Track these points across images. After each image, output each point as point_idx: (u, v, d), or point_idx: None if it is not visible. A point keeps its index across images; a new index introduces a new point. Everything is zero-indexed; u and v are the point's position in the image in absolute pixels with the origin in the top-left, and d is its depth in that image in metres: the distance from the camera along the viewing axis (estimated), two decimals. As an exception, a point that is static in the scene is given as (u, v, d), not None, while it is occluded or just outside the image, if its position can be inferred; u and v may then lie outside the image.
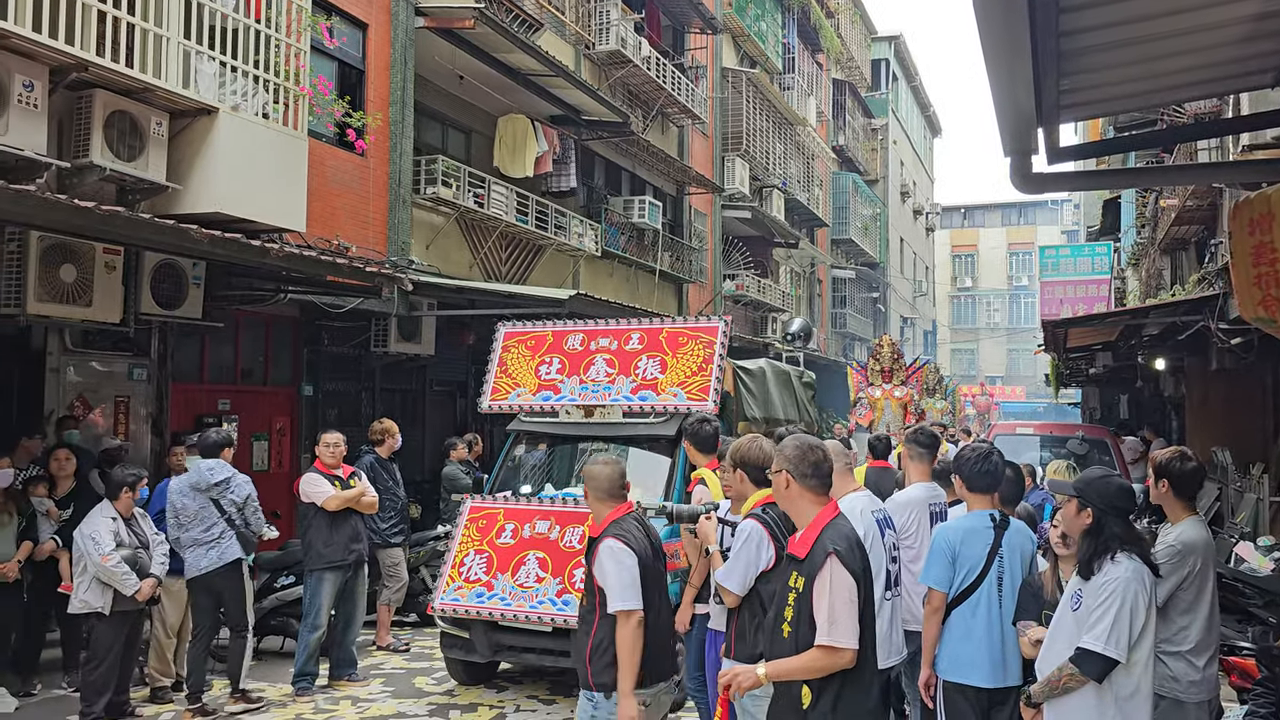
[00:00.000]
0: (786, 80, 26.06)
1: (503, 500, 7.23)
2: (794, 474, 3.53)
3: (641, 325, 7.67)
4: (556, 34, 14.71)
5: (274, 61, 8.51)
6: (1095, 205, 28.35)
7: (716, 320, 7.59)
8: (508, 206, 12.91)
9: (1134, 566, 3.62)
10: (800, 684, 3.41)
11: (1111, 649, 3.54)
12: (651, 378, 7.31)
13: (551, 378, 7.60)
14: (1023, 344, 50.90)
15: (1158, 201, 15.91)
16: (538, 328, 7.99)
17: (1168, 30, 3.36)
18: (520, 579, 6.65)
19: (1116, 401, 23.63)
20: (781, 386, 10.20)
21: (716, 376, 7.18)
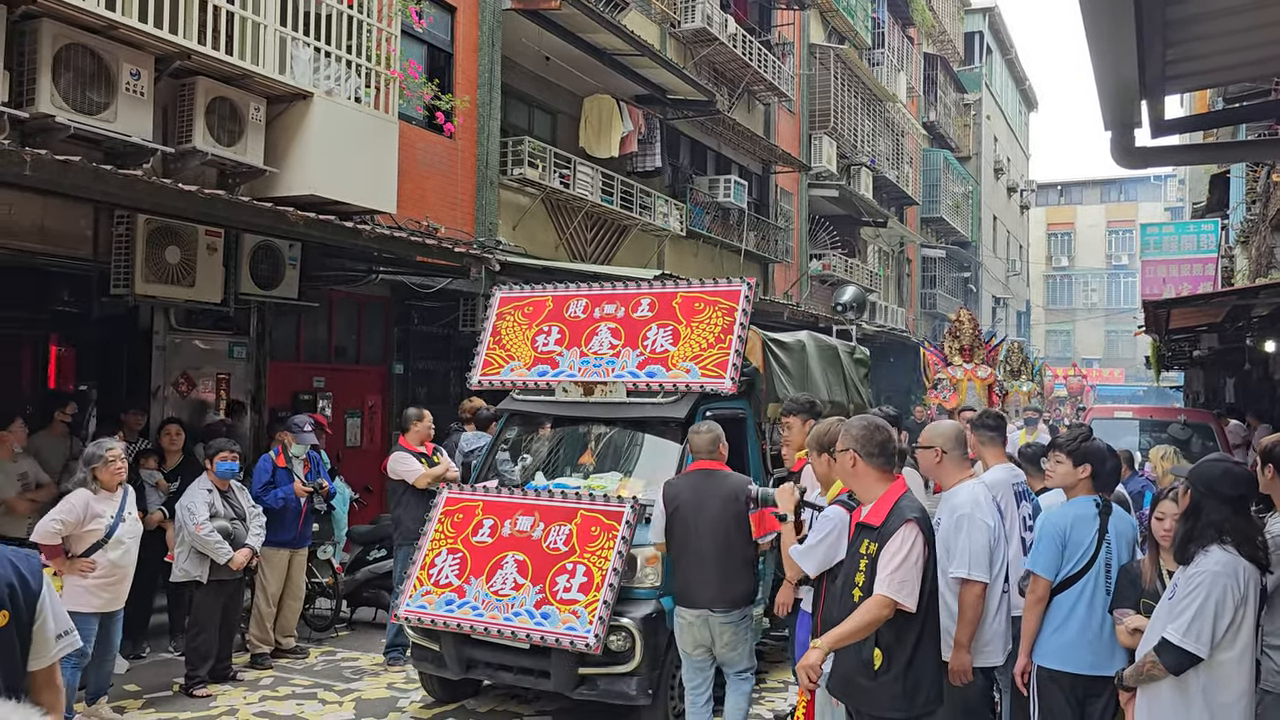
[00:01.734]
0: (876, 56, 25.54)
1: (482, 491, 6.28)
2: (860, 453, 3.71)
3: (652, 289, 6.68)
4: (642, 12, 14.67)
5: (366, 46, 8.67)
6: (1201, 181, 27.20)
7: (738, 283, 6.53)
8: (593, 187, 12.96)
9: (1227, 559, 3.47)
10: (872, 647, 3.52)
11: (1190, 643, 3.42)
12: (662, 350, 6.36)
13: (550, 349, 6.67)
14: (1121, 325, 49.23)
15: (1269, 176, 15.19)
16: (536, 292, 7.06)
17: (1284, -5, 3.19)
18: (495, 585, 5.72)
19: (1222, 385, 22.72)
20: (827, 364, 8.83)
21: (737, 349, 6.19)
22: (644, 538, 5.62)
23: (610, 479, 6.31)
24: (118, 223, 7.65)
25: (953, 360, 16.04)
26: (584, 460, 6.74)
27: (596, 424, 6.77)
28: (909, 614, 3.52)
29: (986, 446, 5.46)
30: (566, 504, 5.88)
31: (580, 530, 5.67)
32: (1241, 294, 12.21)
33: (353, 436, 10.93)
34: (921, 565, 3.52)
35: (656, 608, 5.63)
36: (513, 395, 6.92)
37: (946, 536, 4.37)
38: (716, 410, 6.40)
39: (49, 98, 6.56)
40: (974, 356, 15.84)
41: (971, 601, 4.27)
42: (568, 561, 5.60)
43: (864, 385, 9.80)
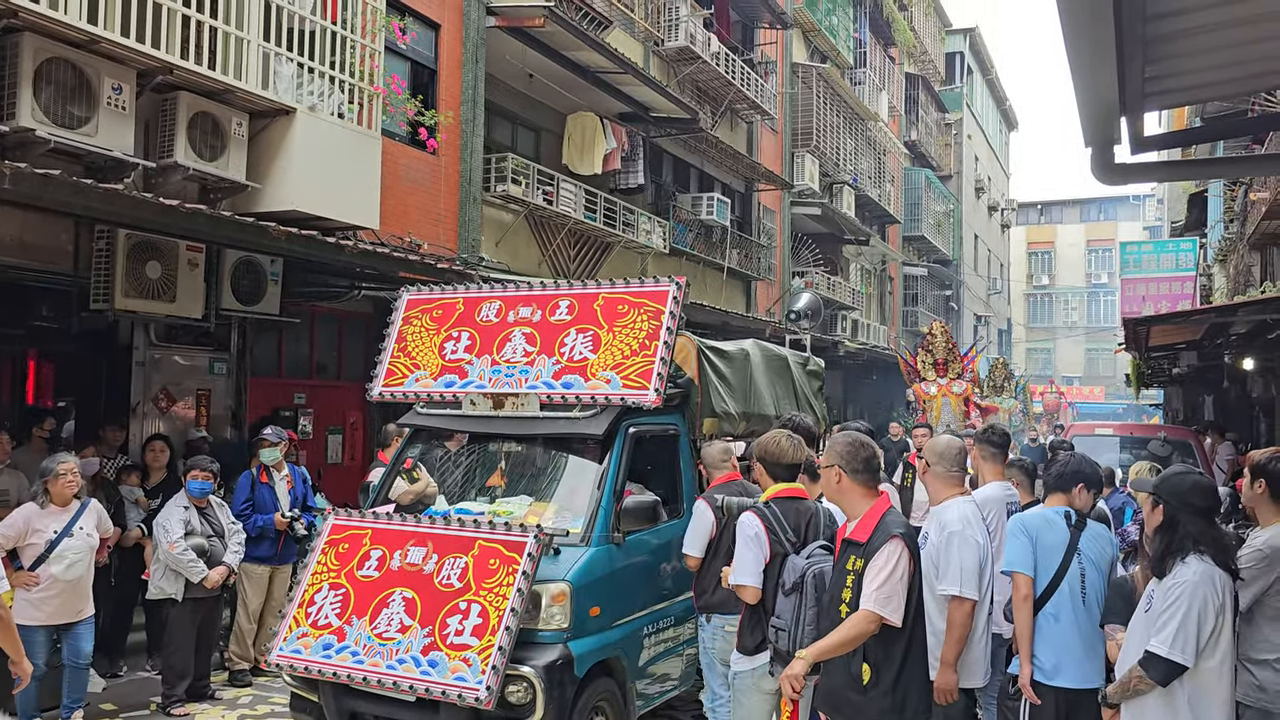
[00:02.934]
0: (858, 75, 25.76)
1: (370, 518, 5.62)
2: (845, 469, 3.75)
3: (572, 290, 6.09)
4: (626, 31, 14.75)
5: (349, 62, 8.68)
6: (1179, 200, 27.49)
7: (666, 282, 5.89)
8: (576, 204, 12.98)
9: (1204, 569, 3.53)
10: (860, 662, 3.52)
11: (1176, 653, 3.46)
12: (580, 358, 5.74)
13: (458, 358, 6.08)
14: (1102, 344, 49.62)
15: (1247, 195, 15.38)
16: (447, 294, 6.47)
17: (1260, 13, 3.24)
18: (380, 626, 5.05)
19: (1201, 403, 22.92)
20: (775, 375, 8.03)
21: (663, 358, 5.56)
22: (551, 572, 5.07)
23: (518, 504, 5.72)
24: (98, 237, 7.61)
25: (926, 375, 15.55)
26: (493, 482, 6.19)
27: (507, 441, 6.13)
28: (896, 629, 3.54)
29: (986, 462, 5.48)
30: (463, 533, 5.20)
31: (477, 563, 5.03)
32: (1220, 312, 12.34)
33: (334, 453, 10.87)
34: (907, 581, 3.54)
35: (563, 654, 4.99)
36: (416, 409, 6.30)
37: (935, 553, 4.38)
38: (643, 426, 5.89)
39: (29, 111, 6.53)
40: (949, 371, 15.33)
41: (961, 619, 4.27)
42: (461, 600, 4.94)
43: (818, 399, 8.97)
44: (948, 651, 4.27)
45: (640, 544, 5.69)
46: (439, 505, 6.03)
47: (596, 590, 5.25)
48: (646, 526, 5.65)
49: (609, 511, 5.46)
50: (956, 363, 15.25)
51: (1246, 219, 15.76)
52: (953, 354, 15.31)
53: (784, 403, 7.99)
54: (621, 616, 5.50)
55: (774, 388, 7.94)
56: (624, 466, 5.63)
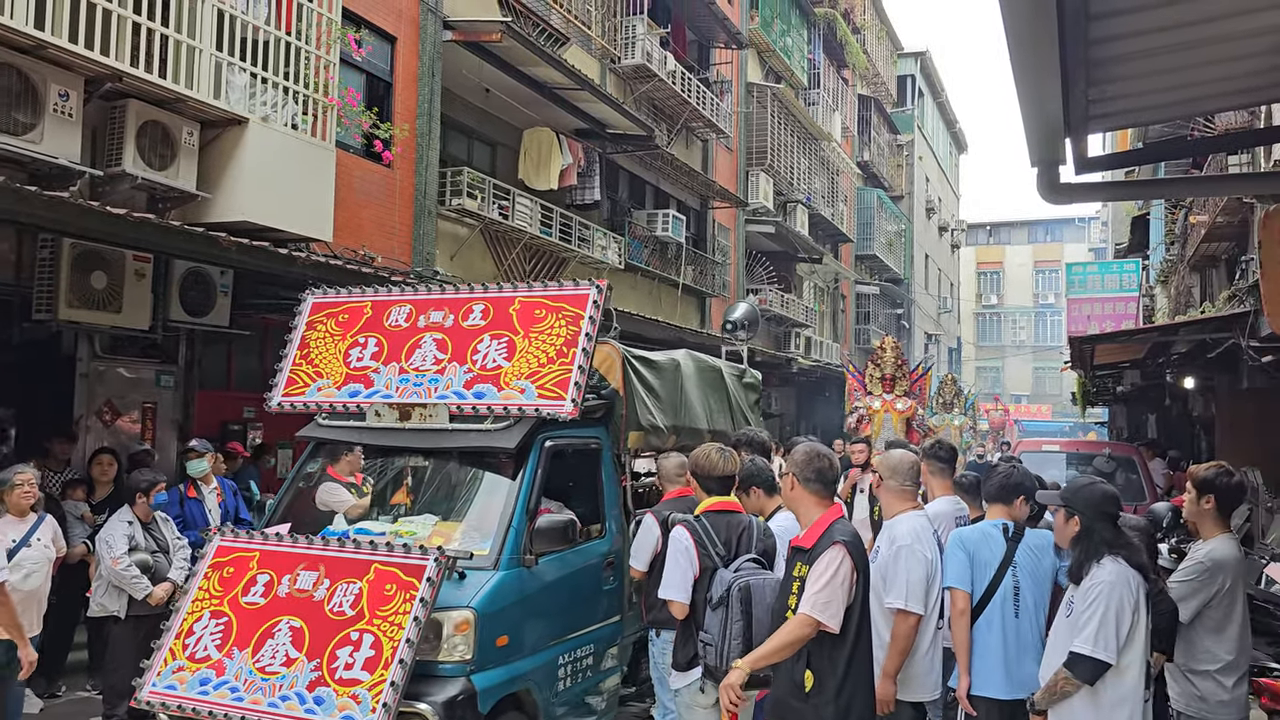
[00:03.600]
0: (812, 95, 26.07)
1: (259, 539, 5.17)
2: (799, 477, 3.80)
3: (486, 293, 5.76)
4: (582, 48, 14.80)
5: (303, 73, 8.61)
6: (1123, 222, 28.15)
7: (586, 285, 5.60)
8: (532, 219, 12.97)
9: (1119, 570, 3.65)
10: (804, 669, 3.54)
11: (1100, 651, 3.56)
12: (494, 366, 5.40)
13: (364, 365, 5.71)
14: (1048, 362, 50.53)
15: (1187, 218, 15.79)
16: (354, 297, 6.11)
17: (1199, 39, 3.34)
18: (263, 659, 4.61)
19: (1144, 420, 23.42)
20: (708, 387, 7.65)
21: (581, 366, 5.24)
22: (454, 598, 4.69)
23: (423, 523, 5.31)
24: (42, 246, 7.46)
25: (873, 390, 15.26)
26: (397, 500, 5.80)
27: (413, 455, 5.74)
28: (839, 636, 3.56)
29: (935, 477, 5.54)
30: (358, 555, 4.78)
31: (372, 589, 4.62)
32: (1162, 331, 12.63)
33: (284, 468, 10.70)
34: (848, 587, 3.56)
35: (466, 688, 4.60)
36: (318, 420, 5.87)
37: (885, 566, 4.42)
38: (562, 439, 5.58)
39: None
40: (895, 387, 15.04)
41: (905, 632, 4.31)
42: (353, 629, 4.52)
43: (754, 412, 8.56)
44: (889, 663, 4.31)
45: (556, 566, 5.34)
46: (337, 524, 5.59)
47: (505, 617, 4.88)
48: (563, 547, 5.31)
49: (521, 532, 5.10)
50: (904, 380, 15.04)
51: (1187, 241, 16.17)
52: (901, 371, 15.08)
53: (718, 416, 7.65)
54: (534, 645, 5.14)
55: (707, 400, 7.56)
56: (539, 483, 5.29)
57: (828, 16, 26.67)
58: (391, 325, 5.81)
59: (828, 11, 26.60)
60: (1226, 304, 11.86)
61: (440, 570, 4.56)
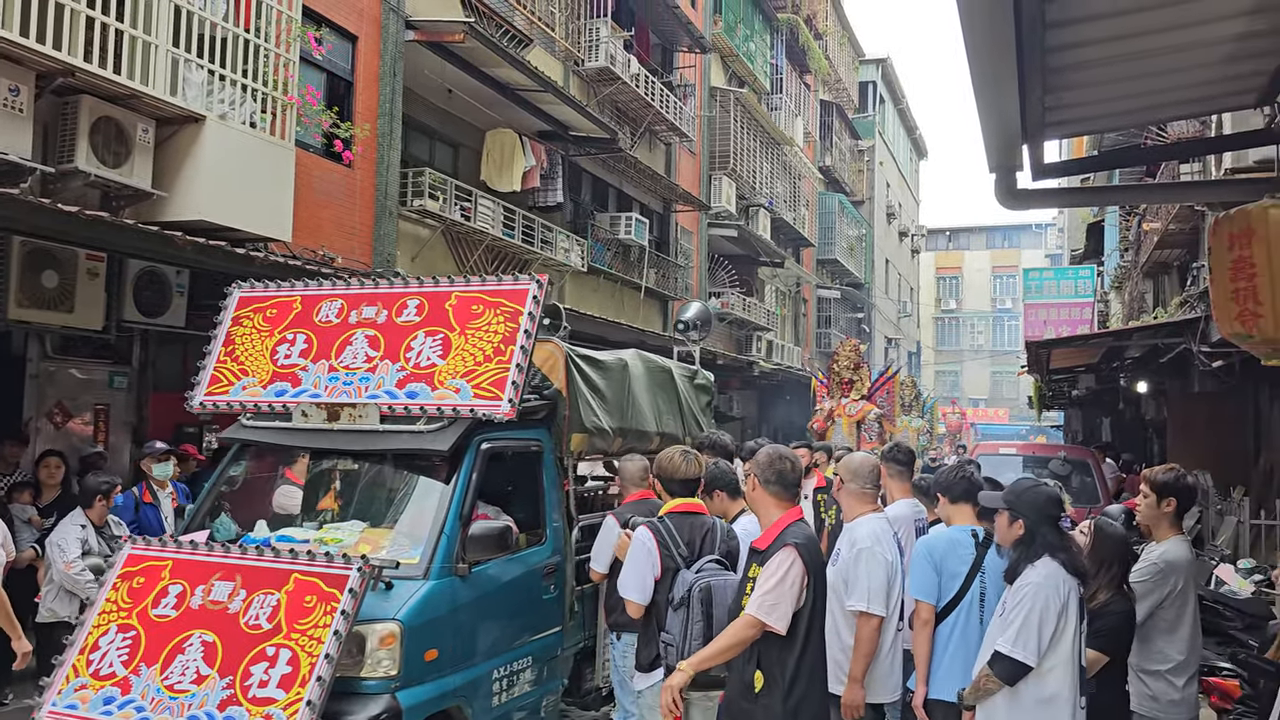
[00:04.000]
0: (774, 100, 26.22)
1: (172, 548, 4.84)
2: (760, 479, 3.82)
3: (422, 288, 5.55)
4: (546, 50, 14.76)
5: (262, 71, 8.50)
6: (1079, 229, 28.60)
7: (526, 280, 5.35)
8: (494, 220, 12.91)
9: (1050, 571, 3.67)
10: (754, 669, 3.58)
11: (1019, 652, 3.58)
12: (428, 364, 5.17)
13: (292, 363, 5.44)
14: (1006, 366, 51.19)
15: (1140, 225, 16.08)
16: (283, 290, 5.83)
17: (1152, 49, 3.40)
18: (172, 676, 4.30)
19: (1099, 424, 23.80)
20: (657, 388, 7.36)
21: (519, 364, 5.02)
22: (379, 610, 4.45)
23: (350, 530, 5.09)
24: (-10, 244, 7.29)
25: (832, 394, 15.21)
26: (324, 505, 5.55)
27: (342, 458, 5.48)
28: (789, 637, 3.57)
29: (894, 480, 5.58)
30: (278, 565, 4.48)
31: (291, 601, 4.34)
32: (1116, 336, 12.85)
33: (241, 471, 10.55)
34: (798, 589, 3.57)
35: (390, 706, 4.37)
36: (242, 421, 5.57)
37: (845, 569, 4.44)
38: (500, 441, 5.34)
39: (-82, 111, 6.24)
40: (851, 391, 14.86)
41: (868, 635, 4.32)
42: (269, 644, 4.23)
43: (706, 414, 8.30)
44: (855, 667, 4.32)
45: (491, 575, 5.11)
46: (259, 531, 5.29)
47: (434, 630, 4.63)
48: (498, 555, 5.08)
49: (453, 539, 4.85)
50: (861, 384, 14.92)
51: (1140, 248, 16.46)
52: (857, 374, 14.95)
53: (667, 418, 7.40)
54: (465, 660, 4.89)
55: (656, 402, 7.29)
56: (474, 488, 5.05)
57: (790, 22, 26.84)
58: (322, 321, 5.56)
59: (790, 17, 26.78)
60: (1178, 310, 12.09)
61: (364, 580, 4.31)
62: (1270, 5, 3.04)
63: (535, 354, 5.58)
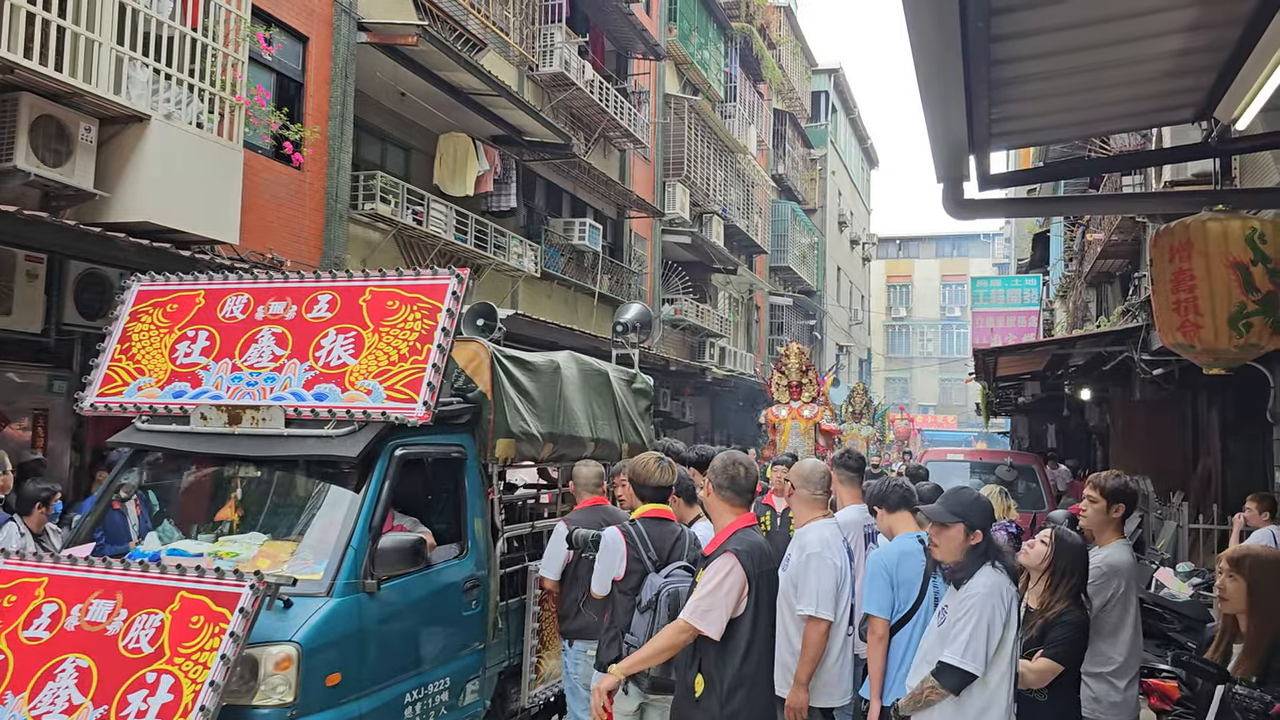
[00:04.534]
0: (728, 109, 26.38)
1: (49, 562, 4.48)
2: (713, 483, 3.91)
3: (335, 282, 5.20)
4: (500, 54, 14.71)
5: (210, 71, 8.37)
6: (1025, 239, 29.12)
7: (445, 274, 5.04)
8: (447, 225, 12.82)
9: (995, 580, 3.69)
10: (695, 673, 3.65)
11: (968, 663, 3.59)
12: (339, 364, 4.86)
13: (192, 361, 5.08)
14: (955, 374, 51.86)
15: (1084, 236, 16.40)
16: (185, 284, 5.45)
17: (1094, 63, 3.47)
18: (40, 706, 3.93)
19: (1044, 431, 24.20)
20: (593, 392, 7.04)
21: (435, 364, 4.73)
22: (276, 631, 4.12)
23: (249, 543, 4.74)
24: (-76, 244, 7.09)
25: (780, 398, 14.62)
26: (223, 516, 5.13)
27: (243, 464, 5.12)
28: (729, 643, 3.61)
29: (845, 486, 5.62)
30: (163, 582, 4.10)
31: (176, 621, 3.97)
32: (1061, 344, 13.09)
33: (185, 477, 10.36)
34: (735, 596, 3.60)
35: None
36: (136, 424, 5.22)
37: (795, 574, 4.46)
38: (416, 447, 5.01)
39: None
40: (802, 394, 14.44)
41: (816, 639, 4.34)
42: (150, 670, 3.86)
43: (644, 420, 7.96)
44: (801, 670, 4.34)
45: (403, 592, 4.75)
46: (148, 544, 4.94)
47: (337, 651, 4.31)
48: (412, 570, 4.75)
49: (361, 552, 4.53)
50: (811, 386, 14.55)
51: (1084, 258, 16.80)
52: (807, 377, 14.58)
53: (602, 423, 7.06)
54: (373, 683, 4.53)
55: (591, 406, 6.94)
56: (385, 497, 4.72)
57: (744, 31, 27.04)
58: (226, 317, 5.19)
59: (744, 26, 26.97)
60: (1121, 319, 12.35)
61: (257, 599, 3.94)
62: (1206, 23, 3.11)
63: (459, 354, 5.41)
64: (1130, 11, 3.05)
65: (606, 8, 18.16)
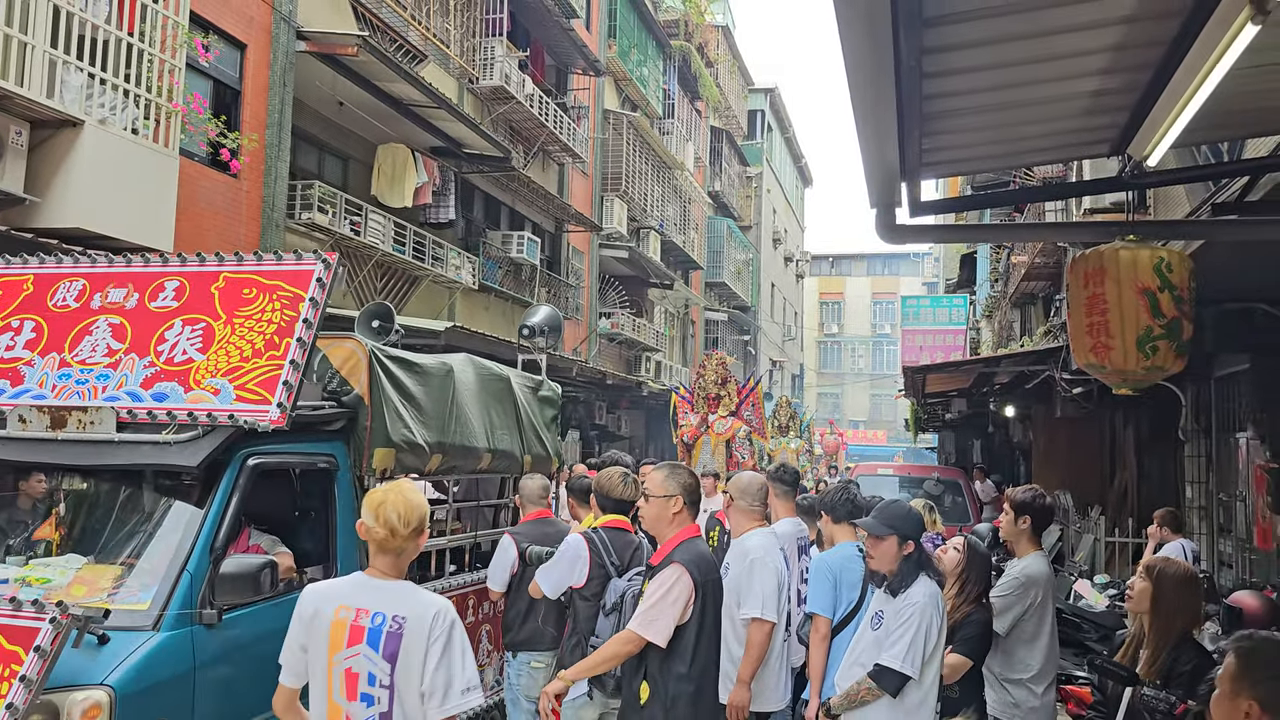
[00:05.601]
0: (666, 125, 26.65)
1: None
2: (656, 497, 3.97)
3: (183, 267, 4.66)
4: (440, 66, 14.72)
5: (146, 76, 8.27)
6: (953, 259, 29.86)
7: (311, 259, 4.53)
8: (384, 235, 12.78)
9: (932, 590, 3.92)
10: (641, 680, 3.75)
11: (908, 667, 3.81)
12: (183, 360, 4.32)
13: (15, 356, 4.52)
14: (885, 389, 52.82)
15: (1009, 258, 16.92)
16: (13, 267, 4.89)
17: (1019, 100, 3.67)
18: None
19: (970, 446, 24.79)
20: (491, 399, 6.46)
21: (295, 360, 4.22)
22: (86, 672, 3.52)
23: (64, 566, 4.11)
24: None
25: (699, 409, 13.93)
26: (42, 534, 4.50)
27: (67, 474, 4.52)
28: (674, 651, 3.72)
29: (780, 499, 5.78)
30: None
31: None
32: (986, 363, 13.50)
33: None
34: (681, 605, 3.71)
35: None
36: None
37: (738, 581, 4.60)
38: (274, 456, 4.43)
39: None
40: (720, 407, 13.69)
41: (760, 640, 4.49)
42: None
43: (551, 430, 7.40)
44: (744, 669, 4.48)
45: (252, 624, 4.13)
46: None
47: (164, 695, 3.70)
48: (265, 597, 4.14)
49: (199, 577, 3.94)
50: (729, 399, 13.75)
51: (1009, 279, 17.32)
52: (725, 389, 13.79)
53: (501, 434, 6.48)
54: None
55: (488, 415, 6.36)
56: (232, 513, 4.16)
57: (683, 49, 27.36)
58: (58, 305, 4.62)
59: (683, 45, 27.29)
60: (1043, 338, 12.78)
61: (59, 635, 3.32)
62: (1119, 67, 3.33)
63: (334, 353, 5.01)
64: (1050, 55, 3.25)
65: (547, 23, 18.27)
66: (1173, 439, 9.73)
